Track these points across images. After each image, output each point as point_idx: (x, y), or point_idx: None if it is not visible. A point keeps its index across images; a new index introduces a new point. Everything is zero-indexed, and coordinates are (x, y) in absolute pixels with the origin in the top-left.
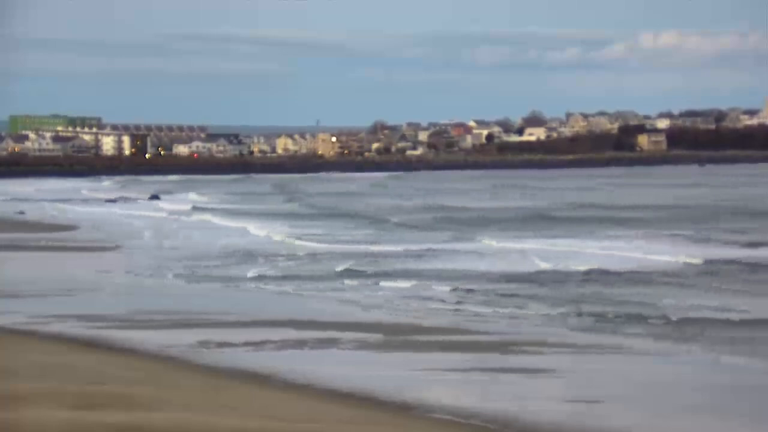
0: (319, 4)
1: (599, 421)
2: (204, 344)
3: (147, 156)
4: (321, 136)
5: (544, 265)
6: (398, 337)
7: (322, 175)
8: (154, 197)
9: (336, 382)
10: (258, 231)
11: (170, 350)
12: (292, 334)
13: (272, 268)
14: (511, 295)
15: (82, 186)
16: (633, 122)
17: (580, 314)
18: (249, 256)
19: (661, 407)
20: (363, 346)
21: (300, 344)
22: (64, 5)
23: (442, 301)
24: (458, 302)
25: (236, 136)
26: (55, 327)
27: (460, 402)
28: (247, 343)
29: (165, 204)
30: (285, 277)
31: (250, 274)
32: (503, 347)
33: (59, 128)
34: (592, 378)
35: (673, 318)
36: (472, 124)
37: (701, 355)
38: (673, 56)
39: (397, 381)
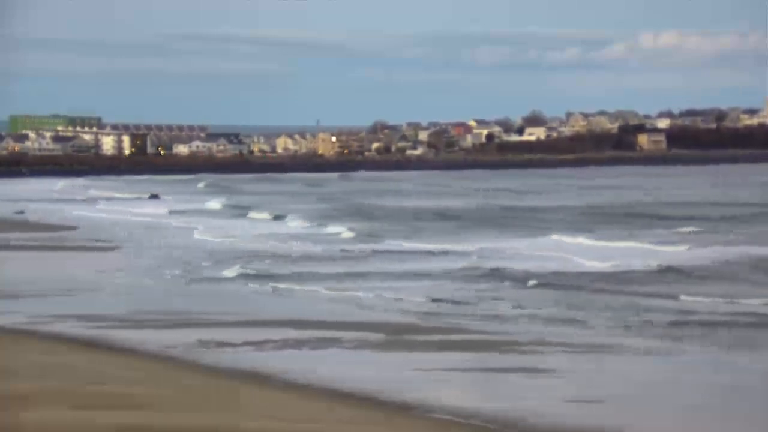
0: (319, 4)
1: (599, 421)
2: (204, 344)
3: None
4: (321, 135)
5: (456, 265)
6: (398, 336)
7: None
8: (154, 197)
9: (336, 382)
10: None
11: (170, 350)
12: (292, 334)
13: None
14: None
15: (44, 188)
16: (633, 122)
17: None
18: (166, 253)
19: (661, 407)
20: (363, 345)
21: (299, 344)
22: (64, 5)
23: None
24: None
25: (236, 135)
26: (55, 327)
27: (460, 402)
28: (246, 343)
29: (104, 205)
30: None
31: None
32: (503, 347)
33: (59, 128)
34: (592, 378)
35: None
36: (472, 123)
37: (700, 354)
38: (673, 56)
39: (397, 381)
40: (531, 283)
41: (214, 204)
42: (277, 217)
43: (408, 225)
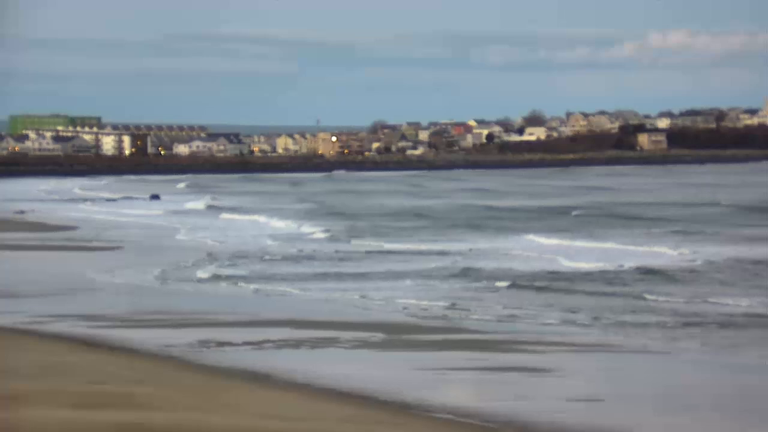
0: (321, 3)
1: (599, 421)
2: (204, 344)
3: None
4: (321, 135)
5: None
6: (398, 336)
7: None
8: (155, 197)
9: (336, 381)
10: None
11: (170, 350)
12: (292, 333)
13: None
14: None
15: (44, 188)
16: (633, 122)
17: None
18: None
19: (661, 407)
20: (363, 345)
21: (299, 343)
22: (64, 5)
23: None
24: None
25: (236, 135)
26: (55, 327)
27: (460, 402)
28: (247, 343)
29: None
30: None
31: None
32: (503, 346)
33: (59, 128)
34: (592, 378)
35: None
36: (472, 123)
37: (700, 355)
38: (675, 56)
39: (397, 380)
40: (522, 283)
41: (200, 204)
42: (257, 218)
43: (388, 225)
